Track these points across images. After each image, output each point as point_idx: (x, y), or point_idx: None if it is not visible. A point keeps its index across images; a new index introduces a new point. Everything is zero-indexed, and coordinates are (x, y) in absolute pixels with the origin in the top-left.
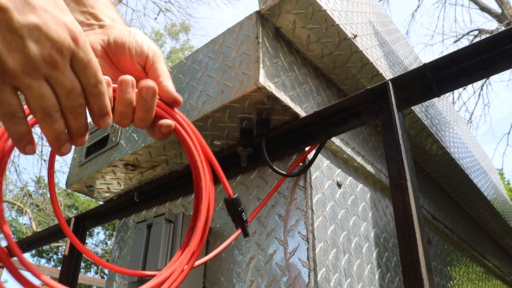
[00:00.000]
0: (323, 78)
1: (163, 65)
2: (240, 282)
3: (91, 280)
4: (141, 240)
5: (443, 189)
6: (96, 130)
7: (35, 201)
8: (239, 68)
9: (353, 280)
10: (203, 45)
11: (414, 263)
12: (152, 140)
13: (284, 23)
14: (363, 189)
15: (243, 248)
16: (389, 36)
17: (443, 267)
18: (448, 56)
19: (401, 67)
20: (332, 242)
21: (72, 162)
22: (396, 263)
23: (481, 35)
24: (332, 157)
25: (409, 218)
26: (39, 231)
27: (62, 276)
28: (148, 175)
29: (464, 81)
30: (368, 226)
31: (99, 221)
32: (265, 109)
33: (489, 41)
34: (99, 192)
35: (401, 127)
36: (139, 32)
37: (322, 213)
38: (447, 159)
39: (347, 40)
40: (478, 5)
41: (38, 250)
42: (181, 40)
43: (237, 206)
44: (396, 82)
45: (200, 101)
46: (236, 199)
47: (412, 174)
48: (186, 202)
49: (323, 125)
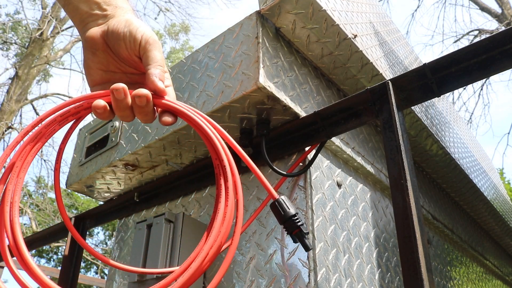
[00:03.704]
0: (323, 78)
1: (155, 52)
2: (240, 282)
3: (91, 280)
4: (141, 240)
5: (443, 189)
6: (96, 130)
7: (35, 201)
8: (239, 68)
9: (353, 280)
10: (203, 45)
11: (414, 263)
12: (152, 140)
13: (284, 23)
14: (363, 189)
15: (243, 248)
16: (389, 36)
17: (443, 267)
18: (448, 56)
19: (401, 67)
20: (332, 242)
21: (72, 162)
22: (396, 263)
23: (481, 35)
24: (332, 157)
25: (409, 218)
26: (39, 231)
27: (62, 276)
28: (148, 175)
29: (464, 81)
30: (368, 226)
31: (99, 221)
32: (265, 109)
33: (489, 41)
34: (99, 192)
35: (401, 127)
36: (135, 20)
37: (322, 213)
38: (447, 159)
39: (347, 40)
40: (478, 5)
41: (38, 250)
42: (181, 40)
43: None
44: (396, 82)
45: (200, 101)
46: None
47: (412, 174)
48: (186, 202)
49: (323, 125)
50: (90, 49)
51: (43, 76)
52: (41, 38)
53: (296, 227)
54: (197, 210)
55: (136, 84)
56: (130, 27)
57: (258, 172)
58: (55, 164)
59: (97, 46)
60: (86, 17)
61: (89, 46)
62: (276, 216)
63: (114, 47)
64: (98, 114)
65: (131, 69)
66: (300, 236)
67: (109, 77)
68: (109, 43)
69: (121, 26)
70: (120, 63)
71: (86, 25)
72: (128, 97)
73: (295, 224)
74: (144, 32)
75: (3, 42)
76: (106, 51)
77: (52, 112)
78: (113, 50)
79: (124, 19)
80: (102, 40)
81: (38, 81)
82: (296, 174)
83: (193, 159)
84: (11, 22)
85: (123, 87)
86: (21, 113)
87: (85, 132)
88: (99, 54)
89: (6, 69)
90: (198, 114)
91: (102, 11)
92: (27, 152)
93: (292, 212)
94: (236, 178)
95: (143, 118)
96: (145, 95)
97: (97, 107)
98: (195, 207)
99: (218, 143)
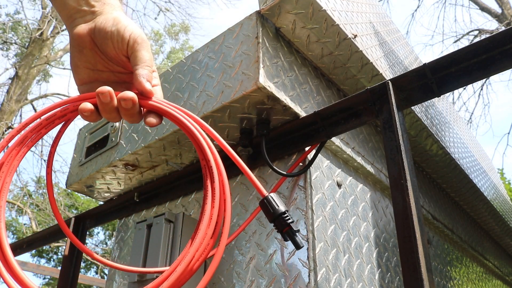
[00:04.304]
0: (323, 78)
1: (143, 52)
2: (240, 282)
3: (91, 280)
4: (141, 240)
5: (443, 189)
6: (96, 130)
7: (35, 201)
8: (239, 68)
9: (353, 280)
10: (203, 45)
11: (414, 263)
12: (152, 140)
13: (284, 23)
14: (363, 189)
15: (243, 248)
16: (389, 36)
17: (443, 267)
18: (448, 56)
19: (401, 67)
20: (332, 242)
21: (72, 162)
22: (396, 263)
23: (481, 35)
24: (332, 157)
25: (409, 218)
26: (39, 231)
27: (62, 276)
28: (148, 175)
29: (464, 81)
30: (368, 226)
31: (99, 221)
32: (265, 109)
33: (489, 41)
34: (99, 192)
35: (401, 127)
36: (123, 18)
37: (322, 213)
38: (447, 159)
39: (347, 40)
40: (478, 5)
41: (38, 250)
42: (181, 40)
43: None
44: (396, 82)
45: (200, 101)
46: (267, 199)
47: (412, 174)
48: (186, 202)
49: (323, 125)
50: (77, 47)
51: (43, 76)
52: (41, 38)
53: (286, 225)
54: (197, 210)
55: (123, 83)
56: (118, 26)
57: (247, 170)
58: (47, 168)
59: (84, 44)
60: (73, 12)
61: (76, 44)
62: (266, 214)
63: (101, 46)
64: (85, 116)
65: (118, 68)
66: (291, 234)
67: (96, 76)
68: (96, 42)
69: (109, 25)
70: (108, 61)
71: (73, 21)
72: (114, 100)
73: (285, 221)
74: (132, 31)
75: (3, 42)
76: (93, 49)
77: (37, 116)
78: (101, 49)
79: (112, 16)
80: (89, 38)
81: (38, 81)
82: (296, 174)
83: (193, 159)
84: (11, 22)
85: (109, 90)
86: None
87: (85, 132)
88: (86, 53)
89: (6, 69)
90: (185, 113)
91: (89, 7)
92: (13, 157)
93: (282, 209)
94: (224, 178)
95: (129, 120)
96: (131, 98)
97: (84, 110)
98: (195, 207)
99: (204, 143)
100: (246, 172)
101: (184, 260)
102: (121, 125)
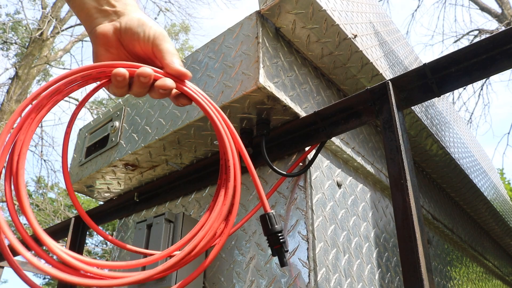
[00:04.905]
0: (323, 78)
1: (166, 44)
2: (240, 282)
3: None
4: (141, 240)
5: (443, 189)
6: (96, 130)
7: (35, 201)
8: (239, 68)
9: (353, 280)
10: (203, 45)
11: (414, 263)
12: (152, 140)
13: (284, 23)
14: (363, 189)
15: (243, 248)
16: (389, 36)
17: (443, 267)
18: (448, 56)
19: (401, 67)
20: (332, 242)
21: (72, 162)
22: (396, 263)
23: (481, 35)
24: (332, 157)
25: (409, 218)
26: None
27: None
28: (148, 175)
29: (464, 81)
30: (368, 226)
31: (99, 221)
32: (265, 109)
33: (489, 41)
34: (99, 192)
35: (401, 127)
36: (147, 19)
37: (322, 213)
38: (447, 159)
39: (347, 40)
40: (478, 5)
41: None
42: (181, 40)
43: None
44: (396, 82)
45: None
46: (269, 215)
47: (412, 174)
48: (186, 202)
49: (323, 125)
50: (103, 46)
51: (43, 76)
52: (41, 38)
53: (278, 243)
54: (197, 210)
55: None
56: (144, 27)
57: (258, 184)
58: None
59: (111, 43)
60: (94, 12)
61: (102, 43)
62: (263, 228)
63: (127, 46)
64: (118, 82)
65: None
66: (280, 252)
67: None
68: (122, 41)
69: (134, 25)
70: (129, 56)
71: (94, 20)
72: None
73: (278, 240)
74: (156, 30)
75: (3, 42)
76: (119, 48)
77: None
78: (127, 48)
79: (136, 17)
80: (115, 37)
81: (38, 81)
82: (296, 174)
83: (193, 159)
84: (11, 22)
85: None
86: None
87: (85, 132)
88: (113, 51)
89: (6, 69)
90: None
91: (111, 7)
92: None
93: (279, 228)
94: (237, 182)
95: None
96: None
97: (119, 74)
98: (195, 207)
99: (227, 144)
100: (257, 185)
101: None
102: (121, 125)
